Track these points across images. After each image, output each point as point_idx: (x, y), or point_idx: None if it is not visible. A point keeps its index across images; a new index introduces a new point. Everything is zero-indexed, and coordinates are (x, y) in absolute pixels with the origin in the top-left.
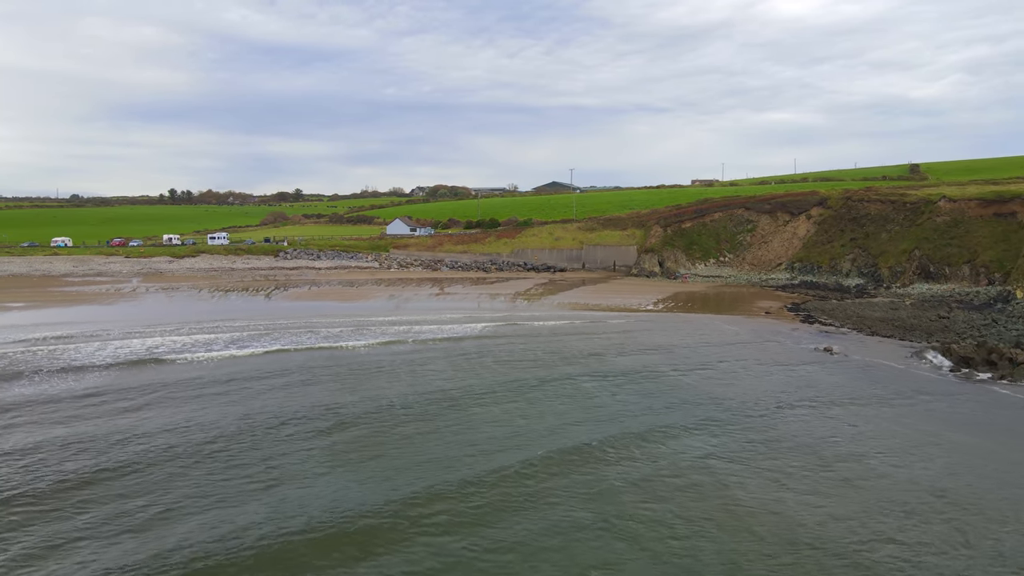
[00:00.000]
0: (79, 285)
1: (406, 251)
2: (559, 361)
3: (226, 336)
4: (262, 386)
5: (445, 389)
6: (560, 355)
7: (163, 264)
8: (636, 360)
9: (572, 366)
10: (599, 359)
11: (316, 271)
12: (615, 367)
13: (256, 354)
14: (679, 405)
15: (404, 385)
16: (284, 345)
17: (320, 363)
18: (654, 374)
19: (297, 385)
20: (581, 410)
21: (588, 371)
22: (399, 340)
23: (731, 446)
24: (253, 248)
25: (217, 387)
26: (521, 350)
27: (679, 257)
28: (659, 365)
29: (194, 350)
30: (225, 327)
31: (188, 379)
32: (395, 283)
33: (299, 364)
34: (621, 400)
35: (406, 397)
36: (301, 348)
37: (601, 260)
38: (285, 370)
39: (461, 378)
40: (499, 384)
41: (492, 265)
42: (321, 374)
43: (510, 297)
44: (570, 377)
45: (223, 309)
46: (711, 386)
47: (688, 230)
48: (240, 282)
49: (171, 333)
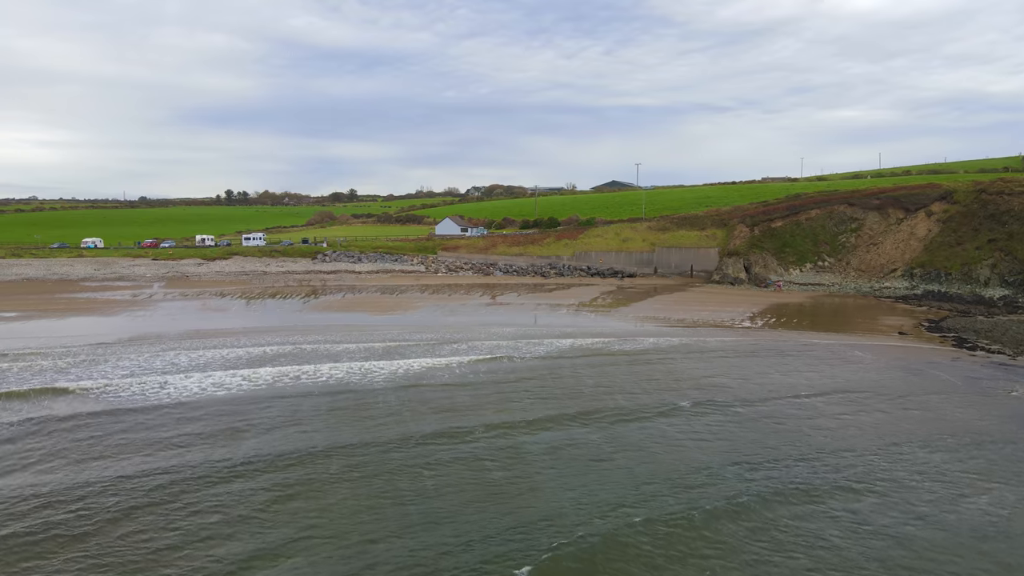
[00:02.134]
0: (93, 291)
1: (455, 253)
2: (660, 419)
3: (211, 356)
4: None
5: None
6: (660, 406)
7: (191, 267)
8: (781, 429)
9: (705, 460)
10: (721, 416)
11: (355, 275)
12: (757, 449)
13: (227, 395)
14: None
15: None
16: (277, 379)
17: (311, 413)
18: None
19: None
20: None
21: (727, 464)
22: (431, 373)
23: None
24: (289, 250)
25: (118, 438)
26: (594, 383)
27: (769, 261)
28: (812, 447)
29: (143, 383)
30: (220, 344)
31: (80, 422)
32: (441, 290)
33: (281, 416)
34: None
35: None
36: (294, 385)
37: (676, 264)
38: (242, 430)
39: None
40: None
41: (551, 270)
42: (294, 433)
43: (573, 308)
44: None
45: (234, 322)
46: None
47: (779, 230)
48: (269, 288)
49: (141, 353)
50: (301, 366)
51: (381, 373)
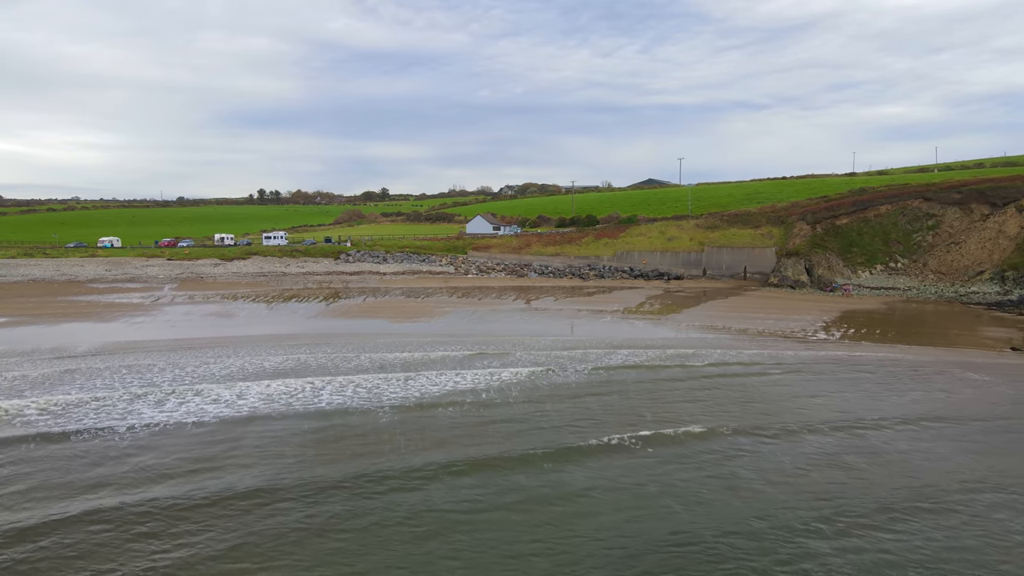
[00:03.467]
0: (99, 293)
1: (487, 253)
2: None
3: (197, 372)
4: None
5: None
6: (742, 438)
7: (207, 268)
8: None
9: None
10: (824, 450)
11: (379, 277)
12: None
13: (195, 426)
14: None
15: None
16: (266, 401)
17: (290, 445)
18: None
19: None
20: None
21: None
22: (451, 394)
23: None
24: (311, 250)
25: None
26: (654, 409)
27: (833, 262)
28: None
29: (96, 411)
30: (213, 358)
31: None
32: (471, 293)
33: (251, 455)
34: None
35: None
36: (283, 411)
37: (728, 265)
38: (197, 470)
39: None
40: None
41: (590, 271)
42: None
43: (618, 315)
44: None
45: (240, 330)
46: None
47: (845, 228)
48: (287, 291)
49: (113, 371)
50: (300, 384)
51: (393, 394)
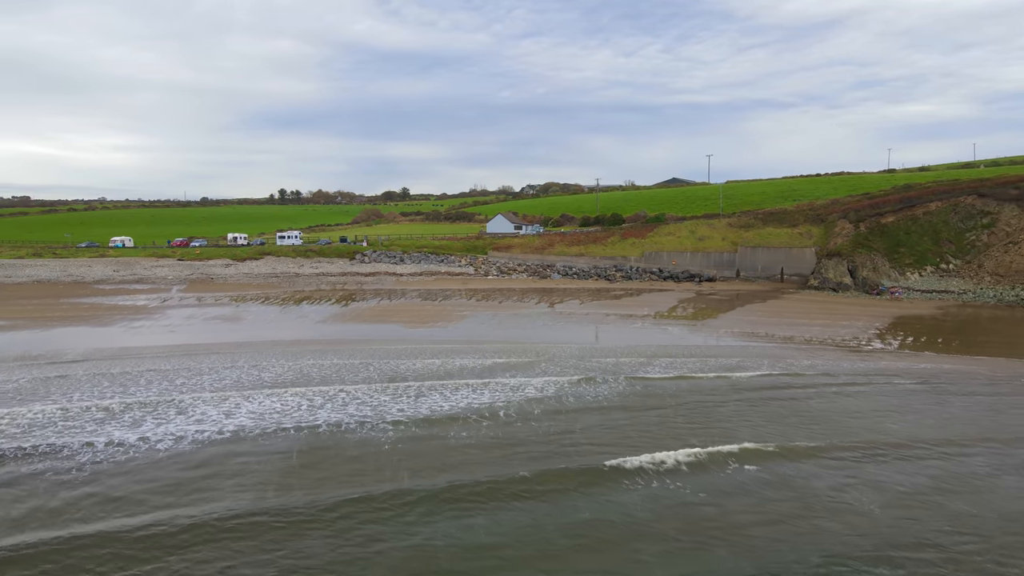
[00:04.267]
0: (104, 295)
1: (508, 253)
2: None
3: (191, 382)
4: None
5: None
6: (807, 465)
7: (217, 268)
8: None
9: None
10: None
11: (395, 278)
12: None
13: (165, 450)
14: None
15: None
16: (257, 420)
17: (268, 477)
18: None
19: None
20: None
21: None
22: (465, 413)
23: None
24: (325, 250)
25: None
26: (703, 432)
27: (879, 264)
28: None
29: (81, 426)
30: (208, 368)
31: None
32: (491, 296)
33: (220, 490)
34: None
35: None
36: (269, 434)
37: (763, 267)
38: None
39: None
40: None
41: (616, 272)
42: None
43: (649, 320)
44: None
45: (243, 334)
46: None
47: (891, 226)
48: (298, 292)
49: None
50: (297, 400)
51: (400, 412)
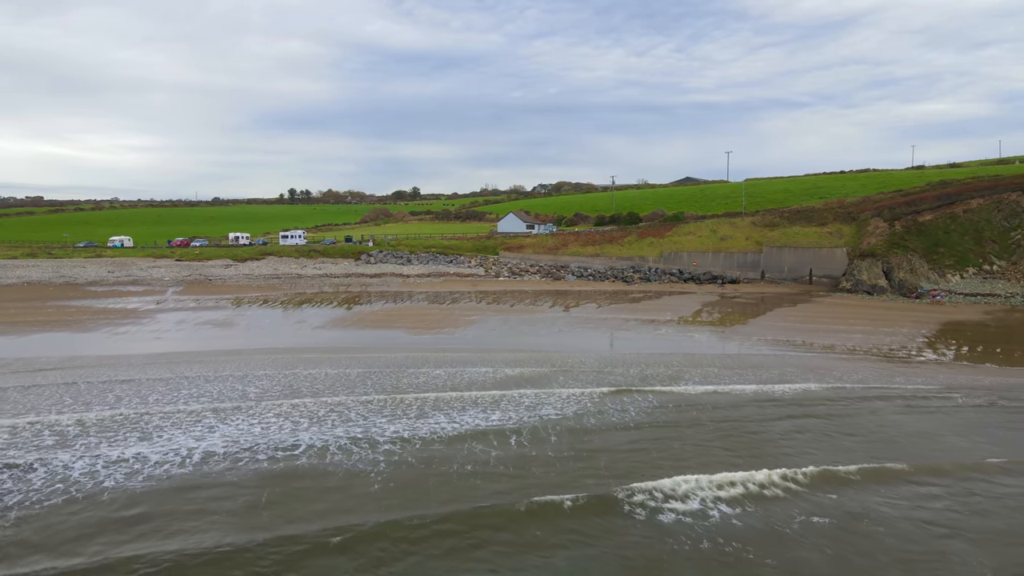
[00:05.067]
0: (94, 297)
1: (520, 254)
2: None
3: (165, 395)
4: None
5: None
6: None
7: (217, 269)
8: None
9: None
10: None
11: (402, 279)
12: None
13: (111, 488)
14: None
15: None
16: (226, 447)
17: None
18: None
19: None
20: None
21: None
22: (475, 439)
23: None
24: (330, 250)
25: None
26: (746, 462)
27: (917, 265)
28: None
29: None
30: (187, 381)
31: None
32: (502, 298)
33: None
34: None
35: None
36: (228, 469)
37: (790, 268)
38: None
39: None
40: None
41: (634, 274)
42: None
43: (672, 325)
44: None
45: (235, 341)
46: None
47: (929, 225)
48: (299, 295)
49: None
50: (279, 420)
51: (394, 434)
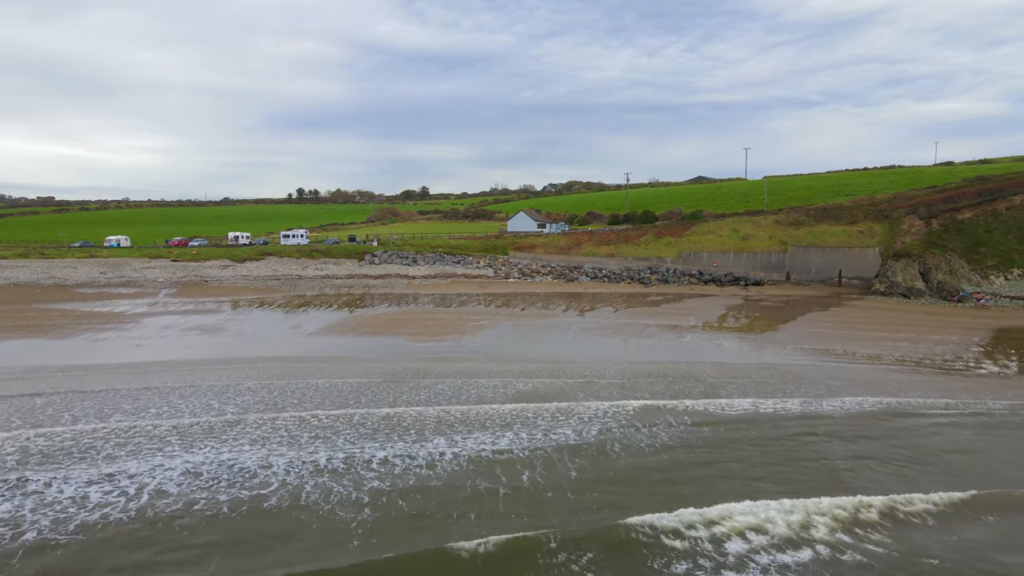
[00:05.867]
0: (82, 300)
1: (531, 254)
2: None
3: (121, 419)
4: None
5: None
6: None
7: (214, 270)
8: None
9: None
10: None
11: (407, 281)
12: None
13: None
14: None
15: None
16: (167, 488)
17: None
18: None
19: None
20: None
21: None
22: (479, 473)
23: None
24: (332, 250)
25: None
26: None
27: (956, 265)
28: None
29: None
30: (155, 393)
31: None
32: (512, 301)
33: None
34: None
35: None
36: (173, 508)
37: (818, 268)
38: None
39: None
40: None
41: (652, 275)
42: None
43: (696, 331)
44: None
45: (222, 350)
46: None
47: (968, 223)
48: (298, 297)
49: None
50: (254, 446)
51: (380, 470)
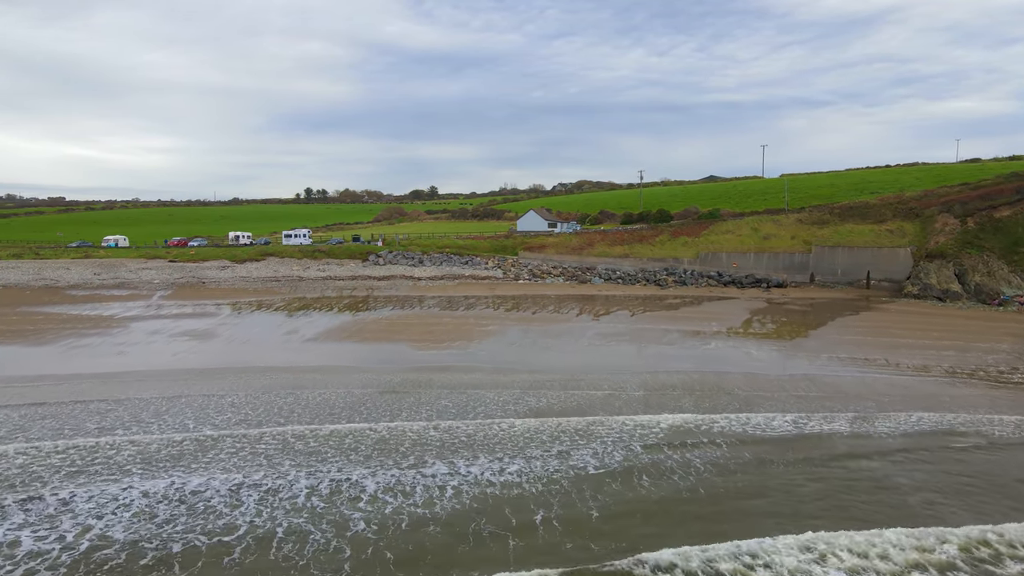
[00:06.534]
0: (71, 302)
1: (541, 254)
2: None
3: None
4: None
5: None
6: None
7: (212, 271)
8: None
9: None
10: None
11: (413, 282)
12: None
13: None
14: None
15: None
16: (110, 533)
17: None
18: None
19: None
20: None
21: None
22: (484, 511)
23: None
24: (335, 250)
25: None
26: None
27: (994, 266)
28: None
29: None
30: (125, 408)
31: None
32: (522, 304)
33: None
34: None
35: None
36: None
37: (844, 270)
38: None
39: None
40: None
41: (668, 276)
42: None
43: (722, 337)
44: None
45: (204, 358)
46: None
47: (1007, 221)
48: (298, 299)
49: None
50: (222, 476)
51: (373, 509)
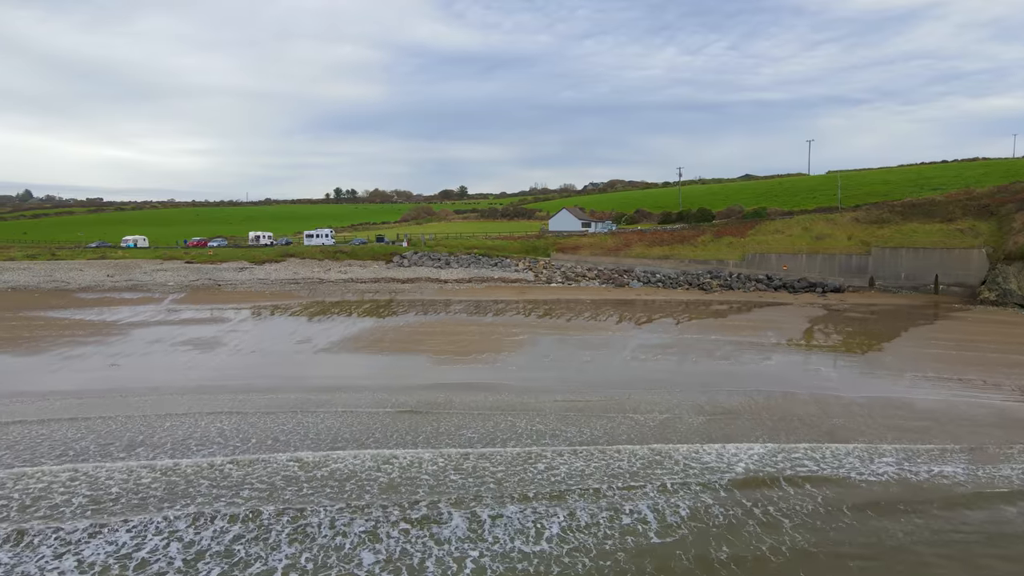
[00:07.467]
0: (79, 306)
1: (575, 255)
2: None
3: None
4: None
5: None
6: None
7: (229, 273)
8: None
9: None
10: None
11: (438, 285)
12: None
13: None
14: None
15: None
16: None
17: None
18: None
19: None
20: None
21: None
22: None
23: None
24: (358, 251)
25: None
26: None
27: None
28: None
29: None
30: (91, 439)
31: None
32: (555, 310)
33: None
34: None
35: None
36: None
37: (908, 273)
38: None
39: None
40: None
41: (712, 280)
42: None
43: (782, 350)
44: None
45: (201, 373)
46: None
47: None
48: (317, 303)
49: None
50: (172, 542)
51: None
